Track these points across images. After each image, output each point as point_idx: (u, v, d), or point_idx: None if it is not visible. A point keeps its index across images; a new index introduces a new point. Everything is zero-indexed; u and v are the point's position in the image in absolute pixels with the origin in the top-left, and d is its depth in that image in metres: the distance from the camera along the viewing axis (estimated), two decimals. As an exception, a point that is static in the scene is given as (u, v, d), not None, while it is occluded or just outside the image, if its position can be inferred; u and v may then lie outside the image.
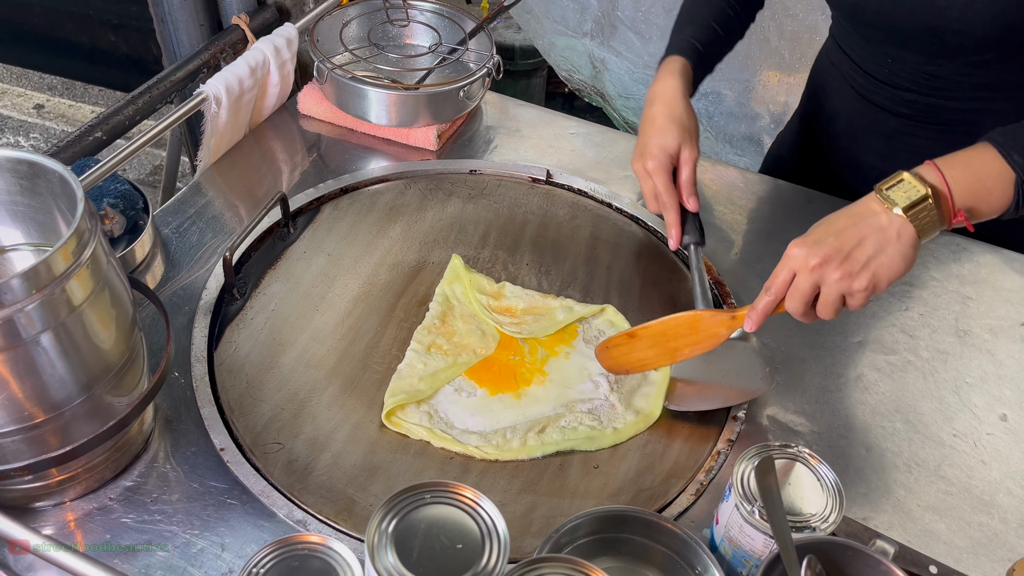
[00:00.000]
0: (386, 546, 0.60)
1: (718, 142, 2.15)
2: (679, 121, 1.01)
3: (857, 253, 0.81)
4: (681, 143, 1.01)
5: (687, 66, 1.07)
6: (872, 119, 1.15)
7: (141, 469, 0.84)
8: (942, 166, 0.83)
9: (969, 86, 1.05)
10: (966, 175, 0.82)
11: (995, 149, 0.83)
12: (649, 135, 1.02)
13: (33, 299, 0.65)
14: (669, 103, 1.03)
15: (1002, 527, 0.86)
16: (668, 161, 1.01)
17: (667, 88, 1.04)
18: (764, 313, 0.86)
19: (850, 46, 1.15)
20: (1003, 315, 1.08)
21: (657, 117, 1.02)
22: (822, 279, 0.82)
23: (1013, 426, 0.95)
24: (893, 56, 1.08)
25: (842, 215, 0.83)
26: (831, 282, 0.81)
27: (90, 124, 1.14)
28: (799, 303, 0.84)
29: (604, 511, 0.76)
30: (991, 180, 0.82)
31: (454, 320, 1.01)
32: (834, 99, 1.21)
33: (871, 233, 0.81)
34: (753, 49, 2.01)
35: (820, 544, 0.69)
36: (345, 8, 1.34)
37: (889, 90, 1.11)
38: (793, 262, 0.83)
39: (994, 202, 0.82)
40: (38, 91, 3.01)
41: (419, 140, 1.26)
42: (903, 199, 0.81)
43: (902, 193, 0.81)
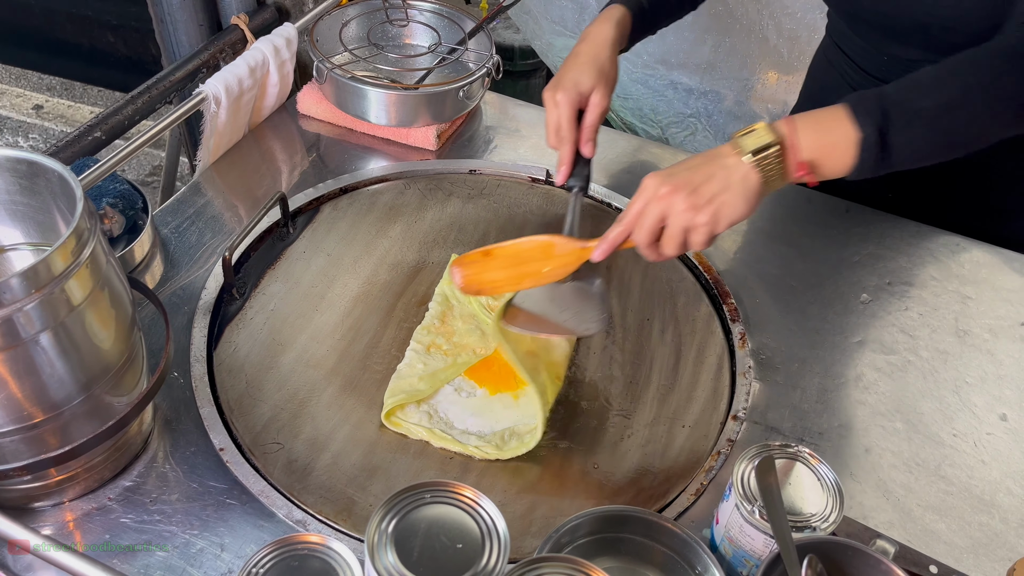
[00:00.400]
0: (386, 546, 0.60)
1: (717, 141, 2.15)
2: (600, 66, 1.00)
3: (704, 188, 0.82)
4: (595, 86, 0.99)
5: (626, 17, 1.04)
6: None
7: (140, 469, 0.84)
8: (796, 119, 0.83)
9: None
10: (815, 130, 0.82)
11: (846, 108, 0.82)
12: (567, 69, 1.01)
13: (32, 298, 0.65)
14: (596, 46, 1.01)
15: (1002, 527, 0.86)
16: (578, 98, 0.99)
17: (600, 33, 1.02)
18: (613, 244, 0.87)
19: (847, 44, 1.15)
20: (1003, 315, 1.08)
21: (581, 55, 1.01)
22: (669, 208, 0.83)
23: (1013, 426, 0.95)
24: (889, 53, 1.08)
25: (697, 156, 0.85)
26: (677, 212, 0.82)
27: (89, 124, 1.14)
28: (646, 232, 0.85)
29: (604, 511, 0.75)
30: (836, 137, 0.82)
31: (453, 320, 1.01)
32: (831, 98, 1.20)
33: (719, 171, 0.82)
34: (752, 48, 2.01)
35: (820, 544, 0.69)
36: (344, 8, 1.34)
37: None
38: (645, 192, 0.84)
39: (838, 159, 0.82)
40: (37, 92, 3.01)
41: (418, 140, 1.26)
42: (751, 145, 0.82)
43: (752, 140, 0.82)
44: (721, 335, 1.03)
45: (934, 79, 0.82)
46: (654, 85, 2.19)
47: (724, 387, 0.97)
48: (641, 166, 1.26)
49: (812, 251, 1.14)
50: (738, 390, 0.96)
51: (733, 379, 0.98)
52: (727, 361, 1.00)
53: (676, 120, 2.20)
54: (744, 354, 1.00)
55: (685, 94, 2.16)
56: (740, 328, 1.03)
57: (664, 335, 1.03)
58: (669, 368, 0.99)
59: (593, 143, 1.01)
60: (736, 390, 0.97)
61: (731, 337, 1.03)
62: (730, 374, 0.99)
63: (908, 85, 0.83)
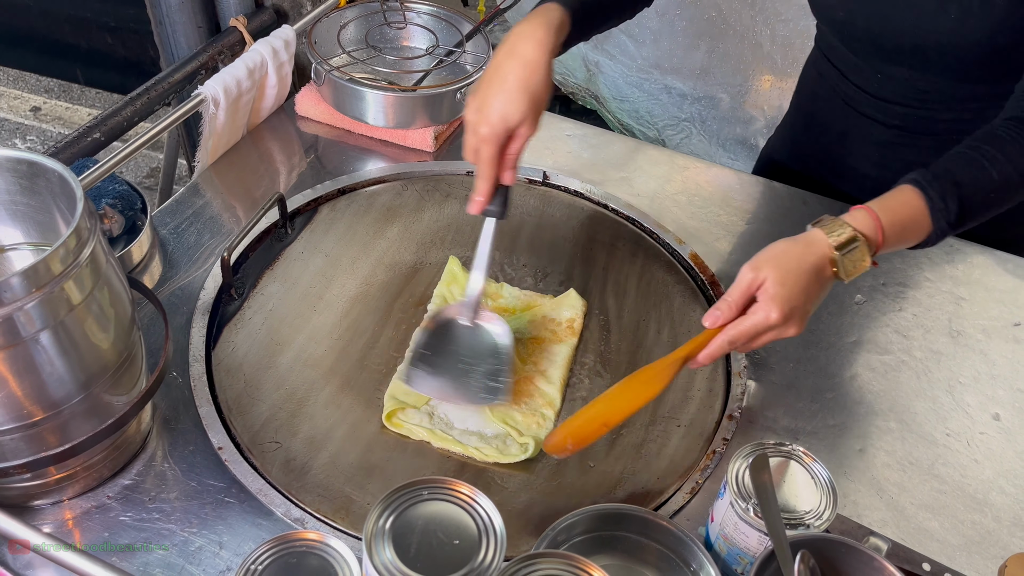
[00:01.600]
0: (384, 542, 0.61)
1: (711, 145, 2.16)
2: (532, 94, 0.88)
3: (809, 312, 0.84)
4: (525, 119, 0.88)
5: (564, 21, 0.92)
6: (865, 130, 1.16)
7: (139, 468, 0.84)
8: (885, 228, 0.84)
9: (957, 99, 1.06)
10: (898, 235, 0.85)
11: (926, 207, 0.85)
12: (495, 94, 0.88)
13: (32, 297, 0.65)
14: (530, 66, 0.88)
15: (995, 525, 0.87)
16: (504, 133, 0.88)
17: (534, 45, 0.89)
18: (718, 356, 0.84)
19: (837, 58, 1.15)
20: (996, 316, 1.09)
21: (510, 77, 0.88)
22: (780, 334, 0.83)
23: (1006, 425, 0.96)
24: (881, 71, 1.09)
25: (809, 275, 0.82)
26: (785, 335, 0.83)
27: (88, 125, 1.14)
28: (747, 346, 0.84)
29: (600, 509, 0.76)
30: (912, 237, 0.86)
31: None
32: (824, 111, 1.21)
33: (825, 291, 0.84)
34: (746, 53, 2.02)
35: (814, 541, 0.69)
36: (343, 10, 1.35)
37: (879, 103, 1.12)
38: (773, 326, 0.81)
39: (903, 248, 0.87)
40: (35, 94, 3.01)
41: (416, 141, 1.27)
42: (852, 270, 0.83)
43: (852, 264, 0.83)
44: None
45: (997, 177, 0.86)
46: (649, 89, 2.21)
47: (719, 387, 0.98)
48: (638, 169, 1.27)
49: (807, 252, 1.15)
50: (733, 390, 0.97)
51: (728, 379, 0.99)
52: (722, 361, 1.01)
53: (672, 123, 2.22)
54: (739, 354, 1.01)
55: (679, 98, 2.17)
56: (735, 328, 1.03)
57: (660, 335, 1.04)
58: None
59: (515, 171, 0.93)
60: (731, 390, 0.97)
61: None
62: (725, 374, 1.00)
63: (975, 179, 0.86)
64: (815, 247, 0.83)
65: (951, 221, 0.84)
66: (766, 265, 0.82)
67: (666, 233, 1.16)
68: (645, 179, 1.25)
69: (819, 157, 1.26)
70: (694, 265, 1.12)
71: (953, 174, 0.85)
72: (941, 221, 0.84)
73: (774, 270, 0.81)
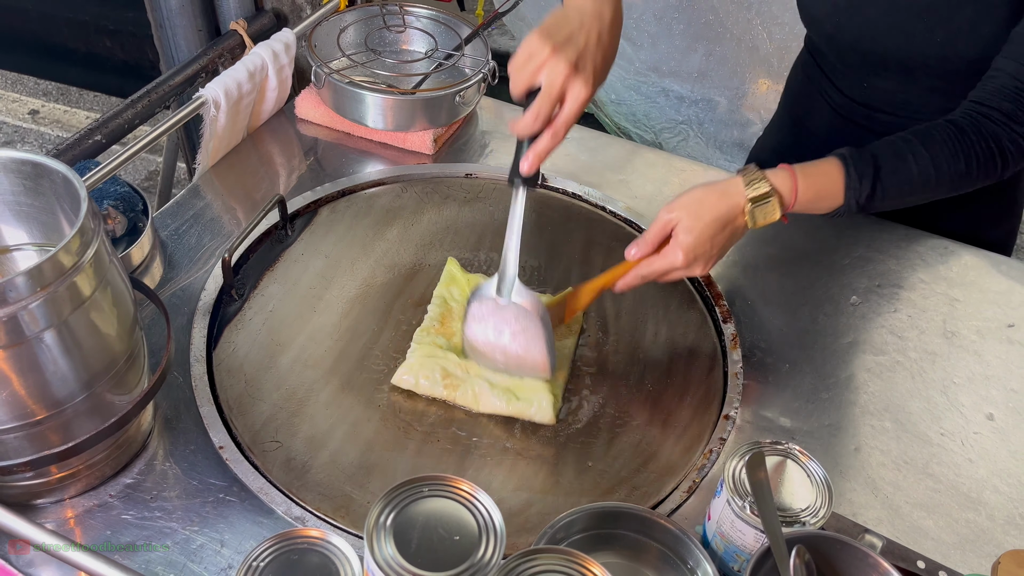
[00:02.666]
0: (385, 538, 0.62)
1: (709, 148, 2.17)
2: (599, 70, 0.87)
3: (715, 254, 0.92)
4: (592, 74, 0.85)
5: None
6: (851, 135, 1.17)
7: (141, 467, 0.85)
8: (800, 190, 0.91)
9: (940, 109, 1.07)
10: (810, 200, 0.92)
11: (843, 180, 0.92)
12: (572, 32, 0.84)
13: (37, 297, 0.66)
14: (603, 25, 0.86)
15: (989, 524, 0.88)
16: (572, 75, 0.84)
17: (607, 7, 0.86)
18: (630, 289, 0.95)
19: (826, 64, 1.17)
20: (990, 317, 1.10)
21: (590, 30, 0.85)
22: (688, 271, 0.92)
23: (1000, 425, 0.97)
24: (868, 81, 1.11)
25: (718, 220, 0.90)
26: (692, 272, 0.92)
27: (89, 127, 1.15)
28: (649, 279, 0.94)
29: (598, 507, 0.77)
30: (823, 206, 0.94)
31: (452, 322, 1.02)
32: (812, 113, 1.23)
33: (733, 238, 0.93)
34: (743, 57, 2.03)
35: (810, 538, 0.70)
36: (342, 14, 1.36)
37: (865, 110, 1.14)
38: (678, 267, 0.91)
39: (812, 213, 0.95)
40: (33, 97, 3.01)
41: (415, 144, 1.27)
42: (761, 220, 0.91)
43: (763, 215, 0.91)
44: (713, 336, 1.05)
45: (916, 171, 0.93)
46: (646, 92, 2.22)
47: (716, 387, 0.99)
48: (635, 171, 1.28)
49: (803, 254, 1.16)
50: (730, 390, 0.98)
51: (725, 379, 1.00)
52: (719, 362, 1.02)
53: (669, 126, 2.23)
54: (736, 355, 1.02)
55: (677, 101, 2.18)
56: (732, 329, 1.04)
57: (657, 336, 1.05)
58: (662, 369, 1.01)
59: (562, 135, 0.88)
60: (728, 390, 0.98)
61: (723, 338, 1.04)
62: (722, 374, 1.01)
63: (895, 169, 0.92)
64: (730, 198, 0.90)
65: (860, 201, 0.92)
66: (680, 209, 0.90)
67: (663, 235, 1.17)
68: (642, 182, 1.26)
69: (803, 160, 1.26)
70: (691, 267, 1.13)
71: (877, 159, 0.92)
72: (851, 199, 0.92)
73: (686, 216, 0.90)
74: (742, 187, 0.90)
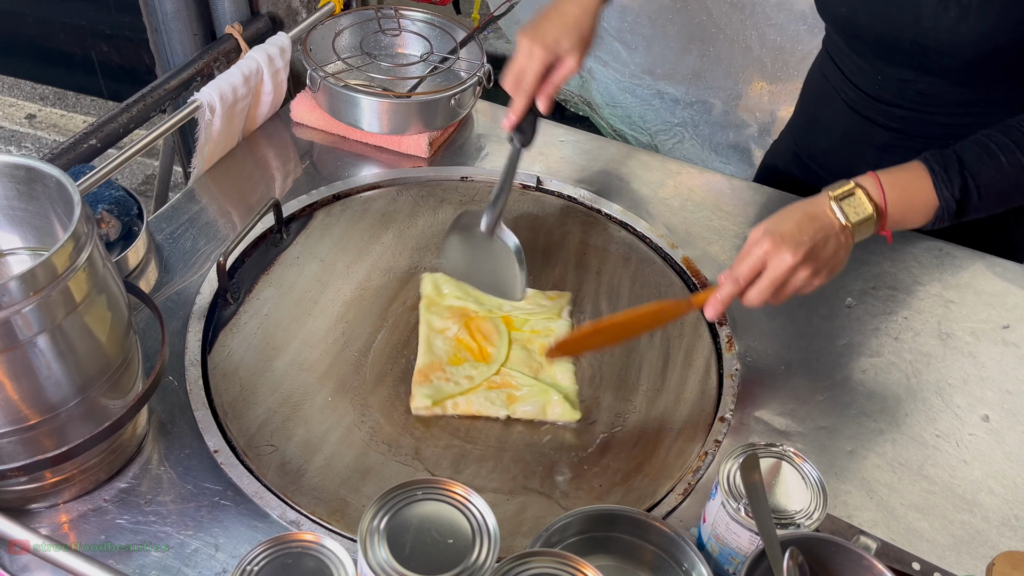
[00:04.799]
0: (378, 541, 0.62)
1: (704, 150, 2.18)
2: (582, 32, 1.00)
3: (823, 253, 0.87)
4: (572, 50, 0.99)
5: None
6: (865, 132, 1.17)
7: (135, 471, 0.85)
8: (885, 186, 0.89)
9: (956, 103, 1.07)
10: (902, 198, 0.90)
11: (929, 176, 0.90)
12: (551, 23, 1.00)
13: (30, 301, 0.66)
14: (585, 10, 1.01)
15: (984, 525, 0.88)
16: (552, 57, 0.99)
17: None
18: (726, 303, 0.90)
19: (842, 60, 1.17)
20: (985, 318, 1.10)
21: (567, 15, 1.00)
22: (794, 274, 0.87)
23: (995, 427, 0.97)
24: (883, 72, 1.10)
25: (803, 214, 0.88)
26: (801, 278, 0.87)
27: (84, 132, 1.15)
28: (766, 296, 0.88)
29: (594, 510, 0.77)
30: (919, 205, 0.90)
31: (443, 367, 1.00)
32: (827, 112, 1.23)
33: (832, 236, 0.88)
34: (736, 58, 2.03)
35: (804, 540, 0.70)
36: (338, 18, 1.36)
37: (879, 105, 1.13)
38: (768, 255, 0.87)
39: (914, 222, 0.91)
40: (30, 101, 3.01)
41: (411, 147, 1.27)
42: (853, 215, 0.88)
43: (852, 209, 0.89)
44: (709, 338, 1.05)
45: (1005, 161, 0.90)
46: (641, 94, 2.22)
47: (711, 389, 0.99)
48: (631, 174, 1.28)
49: (798, 256, 1.16)
50: (725, 392, 0.98)
51: (720, 381, 1.00)
52: (714, 364, 1.02)
53: (664, 128, 2.23)
54: (731, 357, 1.02)
55: (672, 104, 2.18)
56: (727, 331, 1.04)
57: (653, 338, 1.05)
58: (658, 371, 1.01)
59: (551, 100, 1.02)
60: (723, 392, 0.98)
61: (718, 340, 1.04)
62: (717, 376, 1.01)
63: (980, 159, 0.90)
64: (816, 199, 0.90)
65: (955, 195, 0.89)
66: (768, 219, 0.89)
67: (658, 238, 1.17)
68: (638, 184, 1.26)
69: (820, 160, 1.27)
70: (686, 269, 1.13)
71: (957, 152, 0.90)
72: (944, 195, 0.89)
73: (772, 217, 0.89)
74: (825, 191, 0.90)
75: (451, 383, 0.95)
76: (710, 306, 0.90)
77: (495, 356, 0.99)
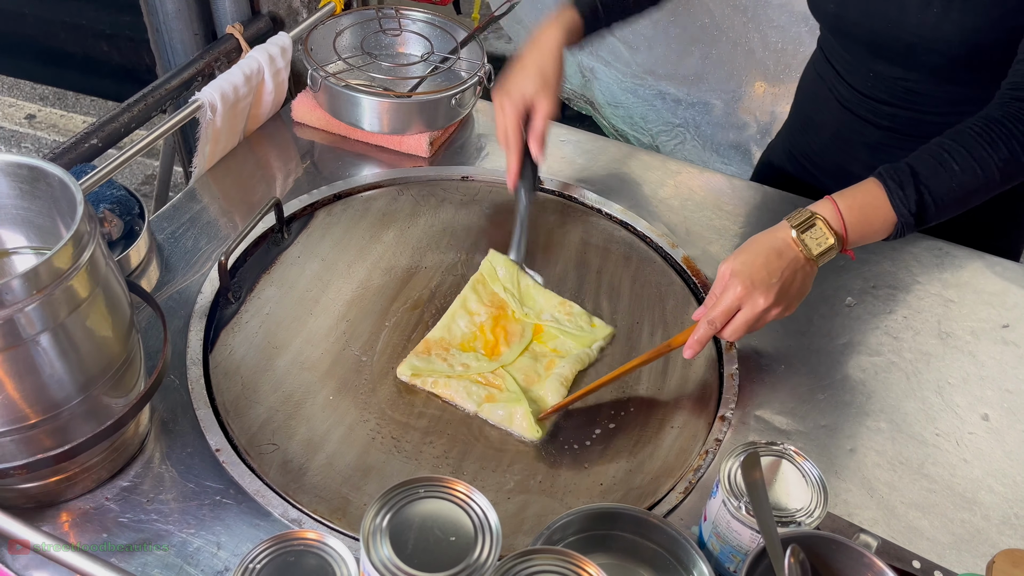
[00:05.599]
0: (381, 539, 0.62)
1: (705, 151, 2.18)
2: (543, 74, 1.05)
3: (792, 289, 0.92)
4: (537, 93, 1.05)
5: (576, 21, 1.09)
6: (857, 131, 1.18)
7: (137, 470, 0.85)
8: (843, 211, 0.91)
9: (945, 100, 1.08)
10: (861, 221, 0.92)
11: (885, 194, 0.91)
12: (514, 76, 1.07)
13: (33, 300, 0.66)
14: (542, 55, 1.06)
15: (984, 524, 0.88)
16: (522, 105, 1.06)
17: (546, 39, 1.08)
18: (704, 344, 0.93)
19: (836, 58, 1.18)
20: (984, 317, 1.10)
21: (527, 63, 1.07)
22: (767, 313, 0.91)
23: (995, 425, 0.97)
24: (873, 70, 1.11)
25: (769, 250, 0.91)
26: (773, 315, 0.92)
27: (86, 131, 1.15)
28: (741, 334, 0.93)
29: (595, 508, 0.77)
30: (878, 223, 0.92)
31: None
32: (821, 110, 1.24)
33: (798, 273, 0.92)
34: (739, 60, 2.04)
35: (805, 538, 0.70)
36: (338, 18, 1.36)
37: (871, 103, 1.14)
38: (741, 300, 0.90)
39: (874, 238, 0.93)
40: (29, 101, 3.01)
41: (411, 147, 1.28)
42: (815, 247, 0.91)
43: (814, 241, 0.91)
44: (709, 338, 1.05)
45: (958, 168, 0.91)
46: (643, 95, 2.22)
47: (712, 388, 0.99)
48: (631, 174, 1.28)
49: (798, 256, 1.16)
50: (726, 391, 0.98)
51: (721, 380, 1.00)
52: (715, 363, 1.02)
53: (665, 129, 2.23)
54: (731, 356, 1.02)
55: (673, 104, 2.19)
56: (728, 331, 1.05)
57: (653, 337, 1.05)
58: (658, 370, 1.01)
59: (540, 146, 1.08)
60: (724, 391, 0.98)
61: (719, 339, 1.04)
62: (718, 375, 1.01)
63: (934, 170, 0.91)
64: (778, 232, 0.92)
65: (911, 210, 0.90)
66: (735, 254, 0.93)
67: (659, 237, 1.17)
68: (638, 184, 1.26)
69: (813, 159, 1.28)
70: (687, 269, 1.13)
71: (912, 166, 0.91)
72: (901, 209, 0.91)
73: (739, 254, 0.92)
74: (786, 222, 0.92)
75: (446, 364, 0.96)
76: (689, 347, 0.93)
77: (504, 357, 0.99)
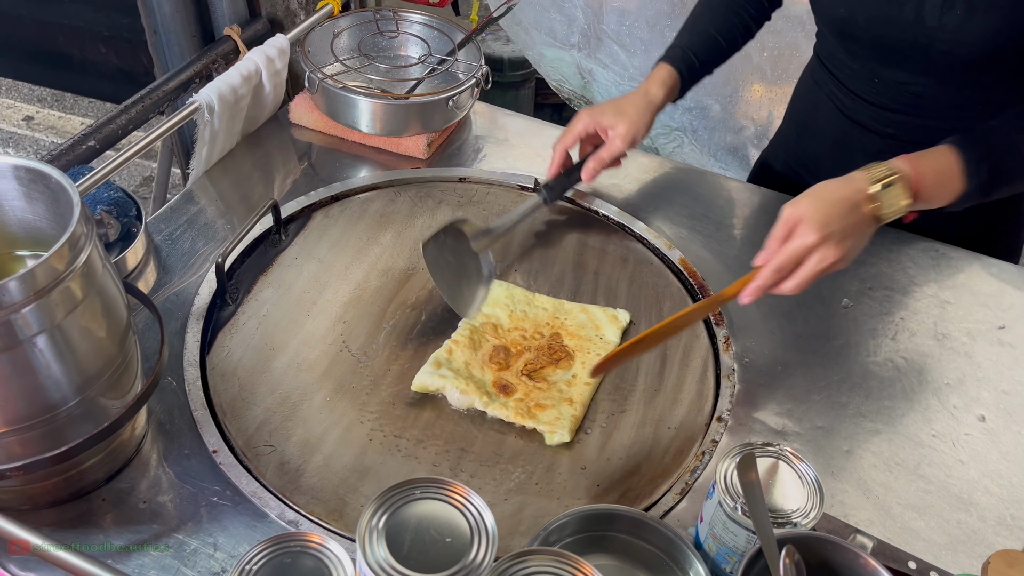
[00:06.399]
0: (377, 540, 0.62)
1: (703, 154, 2.18)
2: (632, 122, 1.12)
3: (856, 249, 0.90)
4: (617, 127, 1.11)
5: (673, 78, 1.16)
6: (858, 139, 1.17)
7: (134, 471, 0.85)
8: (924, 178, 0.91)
9: (951, 105, 1.07)
10: (934, 187, 0.92)
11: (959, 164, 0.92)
12: (608, 105, 1.14)
13: (29, 301, 0.66)
14: (640, 108, 1.13)
15: (980, 524, 0.88)
16: (594, 129, 1.13)
17: (652, 95, 1.14)
18: (765, 291, 0.90)
19: (835, 64, 1.16)
20: (980, 319, 1.10)
21: (626, 105, 1.13)
22: (828, 271, 0.88)
23: (990, 427, 0.98)
24: (879, 75, 1.09)
25: (846, 204, 0.89)
26: (828, 261, 0.88)
27: (83, 133, 1.15)
28: (803, 288, 0.89)
29: (591, 509, 0.77)
30: (946, 192, 0.93)
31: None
32: (820, 119, 1.22)
33: (866, 231, 0.90)
34: (736, 63, 2.03)
35: (801, 538, 0.70)
36: (336, 19, 1.36)
37: (874, 110, 1.13)
38: (810, 250, 0.87)
39: (928, 207, 0.93)
40: (27, 103, 3.01)
41: (409, 149, 1.28)
42: (888, 207, 0.90)
43: (890, 200, 0.90)
44: (706, 339, 1.05)
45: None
46: (641, 97, 2.21)
47: (709, 389, 0.99)
48: (627, 174, 1.28)
49: (795, 257, 1.16)
50: (722, 392, 0.98)
51: (717, 382, 1.00)
52: (712, 364, 1.02)
53: (663, 132, 2.23)
54: (728, 357, 1.02)
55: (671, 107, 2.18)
56: (724, 332, 1.05)
57: (650, 339, 1.05)
58: (655, 371, 1.01)
59: (595, 174, 1.14)
60: (720, 392, 0.98)
61: (716, 341, 1.05)
62: (715, 377, 1.01)
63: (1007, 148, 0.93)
64: (853, 183, 0.90)
65: (982, 180, 0.91)
66: (803, 199, 0.89)
67: (656, 239, 1.17)
68: (635, 186, 1.27)
69: (810, 166, 1.27)
70: (683, 270, 1.14)
71: (988, 139, 0.92)
72: (973, 179, 0.91)
73: (810, 201, 0.89)
74: (863, 174, 0.91)
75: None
76: (749, 294, 0.91)
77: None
